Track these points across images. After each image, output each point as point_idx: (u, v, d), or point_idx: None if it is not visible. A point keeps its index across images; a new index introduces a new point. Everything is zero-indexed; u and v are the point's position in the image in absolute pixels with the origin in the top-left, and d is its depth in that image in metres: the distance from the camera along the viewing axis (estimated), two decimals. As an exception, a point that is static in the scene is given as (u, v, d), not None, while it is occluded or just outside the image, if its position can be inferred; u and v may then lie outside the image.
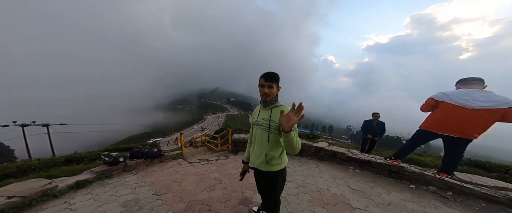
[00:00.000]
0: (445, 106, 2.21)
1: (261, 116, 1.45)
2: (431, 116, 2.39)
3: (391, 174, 3.02)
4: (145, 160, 3.40)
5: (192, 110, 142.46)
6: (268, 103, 1.39)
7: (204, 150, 7.09)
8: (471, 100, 2.01)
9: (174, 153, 4.14)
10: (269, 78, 1.33)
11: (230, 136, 5.23)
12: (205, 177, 3.13)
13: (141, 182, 2.78)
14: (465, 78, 2.28)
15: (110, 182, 2.70)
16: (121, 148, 5.13)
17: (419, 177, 2.72)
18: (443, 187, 2.47)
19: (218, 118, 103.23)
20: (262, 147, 1.42)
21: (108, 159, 2.85)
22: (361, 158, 3.39)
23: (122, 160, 2.98)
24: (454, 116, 2.14)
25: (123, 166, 3.04)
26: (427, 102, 2.41)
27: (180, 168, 3.53)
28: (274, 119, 1.36)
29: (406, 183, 2.82)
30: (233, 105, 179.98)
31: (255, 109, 1.59)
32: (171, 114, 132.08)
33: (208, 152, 6.42)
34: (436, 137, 2.40)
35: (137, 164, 3.26)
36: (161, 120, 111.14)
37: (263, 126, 1.41)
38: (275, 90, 1.37)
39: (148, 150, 3.47)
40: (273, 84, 1.34)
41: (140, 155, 3.33)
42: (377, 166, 3.17)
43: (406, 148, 2.81)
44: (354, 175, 3.19)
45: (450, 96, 2.16)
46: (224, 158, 4.34)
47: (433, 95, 2.35)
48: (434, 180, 2.56)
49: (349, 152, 3.72)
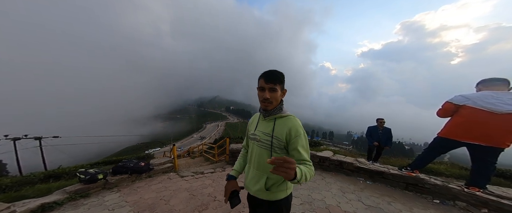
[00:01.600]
0: (467, 111, 1.96)
1: (260, 128, 1.10)
2: (451, 122, 2.13)
3: (408, 187, 2.66)
4: (130, 175, 3.03)
5: (192, 119, 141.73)
6: (270, 112, 1.04)
7: (201, 160, 6.68)
8: (500, 104, 1.77)
9: (165, 167, 3.77)
10: (271, 79, 0.98)
11: (227, 146, 4.88)
12: (197, 194, 2.76)
13: (123, 202, 2.41)
14: (488, 79, 2.04)
15: (85, 202, 2.33)
16: (113, 161, 4.75)
17: (443, 190, 2.36)
18: (475, 203, 2.10)
19: (217, 127, 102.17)
20: (261, 169, 1.07)
21: (84, 176, 2.50)
22: (372, 168, 3.03)
23: (102, 177, 2.62)
24: (479, 122, 1.89)
25: (103, 184, 2.67)
26: (444, 106, 2.16)
27: (171, 183, 3.15)
28: (279, 135, 1.02)
29: (428, 197, 2.45)
30: (232, 113, 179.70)
31: (251, 118, 1.24)
32: (170, 124, 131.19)
33: (205, 163, 6.02)
34: (460, 145, 2.11)
35: (120, 180, 2.89)
36: (160, 129, 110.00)
37: (262, 142, 1.06)
38: (279, 95, 1.01)
39: (134, 165, 3.12)
40: (277, 86, 0.99)
41: (124, 171, 2.97)
42: (391, 177, 2.81)
43: (424, 158, 2.49)
44: (366, 187, 2.82)
45: (473, 100, 1.92)
46: (221, 170, 3.96)
47: (451, 99, 2.10)
48: (462, 195, 2.20)
49: (357, 161, 3.37)
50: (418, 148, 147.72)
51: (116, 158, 4.80)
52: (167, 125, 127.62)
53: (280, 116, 1.06)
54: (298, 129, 1.01)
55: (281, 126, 1.03)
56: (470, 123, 1.95)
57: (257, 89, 1.06)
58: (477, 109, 1.88)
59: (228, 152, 4.72)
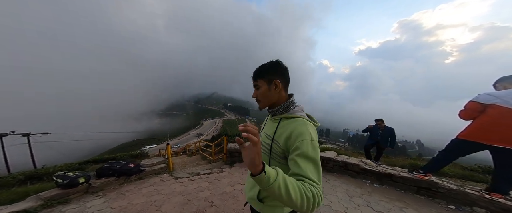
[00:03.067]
0: (496, 111, 1.75)
1: (265, 129, 0.96)
2: (476, 123, 1.91)
3: (419, 191, 2.48)
4: (118, 178, 2.75)
5: (189, 115, 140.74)
6: (275, 111, 0.89)
7: (198, 158, 6.45)
8: None
9: (158, 167, 3.50)
10: (253, 77, 0.89)
11: (225, 145, 4.63)
12: (192, 198, 2.52)
13: (107, 208, 2.15)
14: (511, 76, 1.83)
15: (63, 210, 2.05)
16: (104, 159, 4.43)
17: (459, 195, 2.19)
18: (496, 210, 1.93)
19: (215, 124, 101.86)
20: None
21: (62, 180, 2.21)
22: (380, 170, 2.85)
23: (83, 181, 2.34)
24: (510, 122, 1.70)
25: (85, 188, 2.39)
26: (470, 106, 1.93)
27: (163, 186, 2.90)
28: (278, 138, 0.82)
29: (442, 202, 2.28)
30: (230, 110, 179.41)
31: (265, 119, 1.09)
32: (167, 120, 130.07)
33: (202, 161, 5.78)
34: (483, 148, 1.91)
35: (106, 183, 2.62)
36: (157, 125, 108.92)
37: (263, 145, 0.89)
38: (264, 90, 0.86)
39: (122, 166, 2.84)
40: (258, 82, 0.87)
41: (110, 173, 2.69)
42: (400, 180, 2.63)
43: (440, 161, 2.29)
44: (373, 191, 2.64)
45: (503, 98, 1.71)
46: (218, 171, 3.73)
47: (476, 98, 1.88)
48: (481, 201, 2.03)
49: (362, 163, 3.18)
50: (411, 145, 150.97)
51: (108, 156, 4.48)
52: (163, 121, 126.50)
53: (287, 116, 0.85)
54: (302, 132, 0.76)
55: (284, 129, 0.82)
56: (499, 124, 1.74)
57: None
58: (508, 109, 1.68)
59: (226, 152, 4.47)
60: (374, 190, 2.65)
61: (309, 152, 0.72)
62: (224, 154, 4.59)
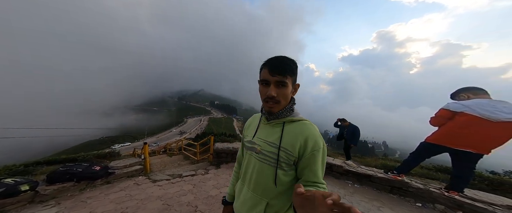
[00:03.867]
0: (465, 118, 1.91)
1: (261, 135, 0.79)
2: (445, 129, 2.09)
3: (393, 190, 2.71)
4: (77, 183, 2.32)
5: (171, 112, 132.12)
6: (277, 114, 0.75)
7: (179, 158, 6.00)
8: (497, 112, 1.76)
9: (132, 169, 3.11)
10: (279, 69, 0.68)
11: (212, 145, 4.39)
12: (173, 203, 2.29)
13: (62, 222, 1.77)
14: (472, 87, 2.05)
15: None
16: (61, 160, 3.71)
17: (424, 193, 2.45)
18: (451, 205, 2.22)
19: (200, 121, 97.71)
20: (260, 192, 0.76)
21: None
22: (360, 172, 3.04)
23: (27, 189, 1.89)
24: (476, 129, 1.86)
25: (30, 196, 1.94)
26: (440, 114, 2.09)
27: (138, 191, 2.57)
28: (289, 146, 0.72)
29: (411, 200, 2.53)
30: (217, 108, 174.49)
31: (249, 119, 0.92)
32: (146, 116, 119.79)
33: (184, 162, 5.39)
34: (445, 151, 2.16)
35: (61, 190, 2.18)
36: (133, 122, 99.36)
37: (265, 155, 0.75)
38: (289, 92, 0.73)
39: (84, 169, 2.42)
40: (287, 79, 0.70)
41: (67, 177, 2.24)
42: (377, 181, 2.84)
43: (410, 162, 2.53)
44: (355, 192, 2.79)
45: (471, 107, 1.87)
46: (203, 172, 3.50)
47: (447, 106, 2.04)
48: (441, 198, 2.31)
49: (345, 164, 3.36)
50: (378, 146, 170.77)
51: (66, 157, 3.76)
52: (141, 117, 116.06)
53: (291, 120, 0.76)
54: (317, 140, 0.72)
55: (293, 135, 0.73)
56: (466, 130, 1.90)
57: (258, 82, 0.74)
58: (475, 117, 1.83)
59: (212, 152, 4.24)
60: (355, 191, 2.80)
61: (322, 159, 0.74)
62: (210, 154, 4.35)
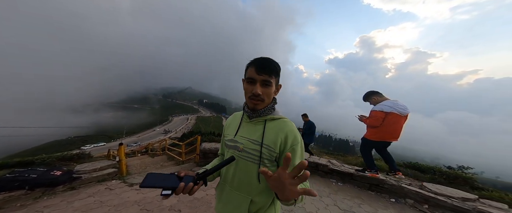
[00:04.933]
0: (393, 117, 2.47)
1: (243, 133, 0.83)
2: (382, 128, 2.55)
3: (371, 187, 2.95)
4: (30, 191, 2.02)
5: (154, 110, 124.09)
6: (259, 112, 0.80)
7: (163, 159, 5.66)
8: (405, 109, 2.45)
9: (104, 173, 2.83)
10: (265, 69, 0.74)
11: (198, 145, 4.24)
12: (153, 208, 2.15)
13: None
14: (378, 92, 2.72)
15: None
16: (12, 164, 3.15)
17: (397, 189, 2.72)
18: (419, 200, 2.50)
19: (187, 120, 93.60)
20: (244, 190, 0.79)
21: None
22: (344, 170, 3.23)
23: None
24: (398, 124, 2.50)
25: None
26: (377, 115, 2.52)
27: (111, 196, 2.35)
28: (271, 143, 0.77)
29: (386, 196, 2.78)
30: (205, 107, 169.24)
31: (229, 118, 0.95)
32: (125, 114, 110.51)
33: (168, 163, 5.10)
34: (379, 145, 2.73)
35: (8, 200, 1.87)
36: (110, 120, 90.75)
37: (248, 153, 0.79)
38: (273, 91, 0.79)
39: (40, 175, 2.10)
40: (272, 79, 0.76)
41: (16, 185, 1.93)
42: (358, 179, 3.06)
43: (368, 158, 2.93)
44: (339, 190, 2.96)
45: (394, 108, 2.46)
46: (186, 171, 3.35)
47: (380, 108, 2.51)
48: (411, 193, 2.58)
49: (330, 163, 3.55)
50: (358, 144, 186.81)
51: (20, 160, 3.19)
52: (120, 115, 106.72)
53: (272, 118, 0.81)
54: (296, 135, 0.79)
55: (274, 132, 0.79)
56: (394, 126, 2.50)
57: (243, 81, 0.81)
58: (398, 115, 2.45)
59: (199, 152, 4.10)
60: (339, 189, 2.97)
61: (302, 154, 0.79)
62: (197, 154, 4.20)
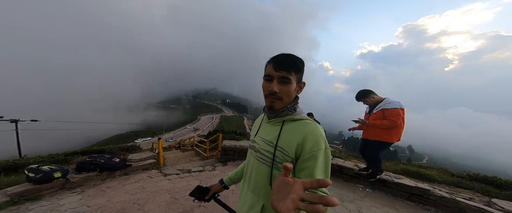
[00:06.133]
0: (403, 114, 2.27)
1: (261, 134, 0.77)
2: (403, 127, 2.26)
3: (411, 197, 2.45)
4: (100, 173, 2.59)
5: (186, 110, 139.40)
6: (278, 112, 0.72)
7: (191, 154, 6.31)
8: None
9: (146, 163, 3.35)
10: (283, 65, 0.66)
11: (220, 142, 4.50)
12: (180, 197, 2.40)
13: (83, 206, 2.00)
14: (371, 90, 2.45)
15: (31, 207, 1.89)
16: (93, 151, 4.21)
17: (448, 203, 2.16)
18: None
19: (212, 119, 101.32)
20: (257, 192, 0.73)
21: (34, 175, 2.03)
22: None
23: (59, 176, 2.17)
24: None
25: (61, 183, 2.23)
26: (400, 113, 2.19)
27: (150, 183, 2.76)
28: (286, 145, 0.68)
29: (431, 209, 2.26)
30: (228, 107, 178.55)
31: (257, 118, 0.91)
32: (164, 113, 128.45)
33: (195, 158, 5.66)
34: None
35: (86, 179, 2.45)
36: (153, 118, 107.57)
37: (262, 154, 0.73)
38: (293, 89, 0.69)
39: (106, 160, 2.68)
40: (291, 76, 0.67)
41: (92, 168, 2.52)
42: (393, 186, 2.59)
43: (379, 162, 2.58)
44: (366, 196, 2.59)
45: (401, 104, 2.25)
46: (210, 169, 3.62)
47: (401, 105, 2.23)
48: (470, 209, 2.00)
49: (357, 166, 3.13)
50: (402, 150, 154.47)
51: (97, 148, 4.26)
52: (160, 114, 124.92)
53: (291, 118, 0.71)
54: (318, 140, 0.65)
55: (291, 133, 0.69)
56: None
57: (263, 78, 0.71)
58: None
59: (220, 149, 4.36)
60: (366, 195, 2.60)
61: (324, 164, 0.64)
62: (218, 151, 4.47)
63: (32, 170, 2.08)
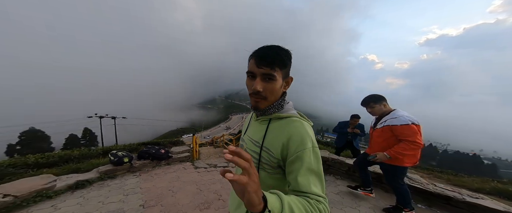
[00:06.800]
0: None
1: (249, 133, 0.75)
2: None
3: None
4: (151, 161, 3.31)
5: (220, 109, 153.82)
6: (264, 111, 0.68)
7: (221, 151, 6.94)
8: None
9: (183, 156, 3.96)
10: (266, 61, 0.60)
11: (241, 139, 4.72)
12: (204, 189, 2.69)
13: (137, 188, 2.60)
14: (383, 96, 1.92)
15: (110, 184, 2.65)
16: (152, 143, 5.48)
17: None
18: None
19: (242, 119, 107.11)
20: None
21: (113, 158, 2.85)
22: (431, 190, 2.13)
23: (127, 161, 2.94)
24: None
25: (128, 167, 3.00)
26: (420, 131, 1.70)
27: (184, 174, 3.25)
28: (271, 145, 0.65)
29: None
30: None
31: (248, 116, 0.90)
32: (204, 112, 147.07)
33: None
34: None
35: (143, 165, 3.18)
36: (196, 117, 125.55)
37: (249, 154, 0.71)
38: (278, 86, 0.63)
39: (156, 151, 3.38)
40: (275, 72, 0.61)
41: (147, 156, 3.25)
42: (463, 206, 1.88)
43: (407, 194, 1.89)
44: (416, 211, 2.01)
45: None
46: (233, 165, 3.86)
47: (413, 121, 1.71)
48: None
49: (408, 178, 2.47)
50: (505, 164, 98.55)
51: (157, 140, 5.53)
52: (201, 113, 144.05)
53: (278, 116, 0.67)
54: (303, 139, 0.60)
55: (277, 133, 0.65)
56: None
57: (246, 75, 0.66)
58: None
59: (243, 146, 4.57)
60: (417, 210, 2.03)
61: (312, 164, 0.59)
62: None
63: (113, 155, 2.94)
